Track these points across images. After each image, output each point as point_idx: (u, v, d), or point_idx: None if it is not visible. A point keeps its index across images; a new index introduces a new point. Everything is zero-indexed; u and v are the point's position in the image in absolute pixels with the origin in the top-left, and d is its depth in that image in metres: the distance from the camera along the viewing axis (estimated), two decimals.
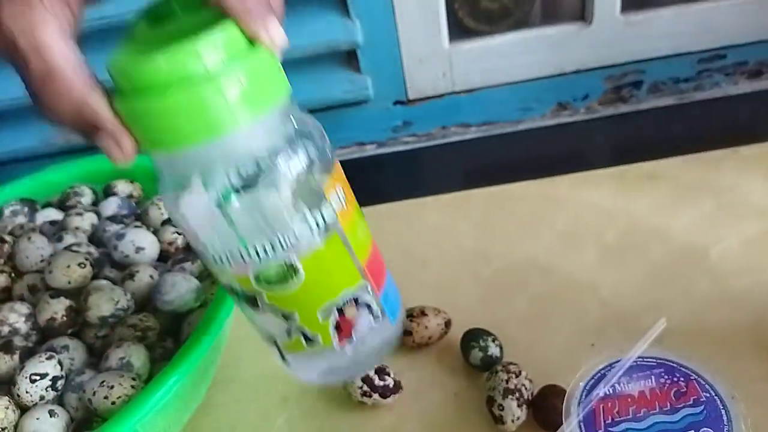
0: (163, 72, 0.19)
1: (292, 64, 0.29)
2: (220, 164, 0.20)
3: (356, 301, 0.24)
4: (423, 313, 0.37)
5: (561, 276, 0.39)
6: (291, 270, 0.22)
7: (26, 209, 0.40)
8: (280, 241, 0.21)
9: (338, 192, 0.23)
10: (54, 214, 0.40)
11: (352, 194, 0.24)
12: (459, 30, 0.58)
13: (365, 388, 0.33)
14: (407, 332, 0.36)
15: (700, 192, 0.44)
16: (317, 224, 0.22)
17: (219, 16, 0.20)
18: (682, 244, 0.40)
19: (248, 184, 0.20)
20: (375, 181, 0.57)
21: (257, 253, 0.21)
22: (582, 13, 0.55)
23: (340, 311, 0.23)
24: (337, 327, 0.24)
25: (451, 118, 0.60)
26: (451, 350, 0.36)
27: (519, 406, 0.31)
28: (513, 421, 0.31)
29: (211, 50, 0.19)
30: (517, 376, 0.32)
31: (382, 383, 0.33)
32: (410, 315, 0.37)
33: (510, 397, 0.31)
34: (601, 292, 0.38)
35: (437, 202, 0.49)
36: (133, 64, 0.19)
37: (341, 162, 0.25)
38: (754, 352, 0.33)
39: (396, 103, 0.58)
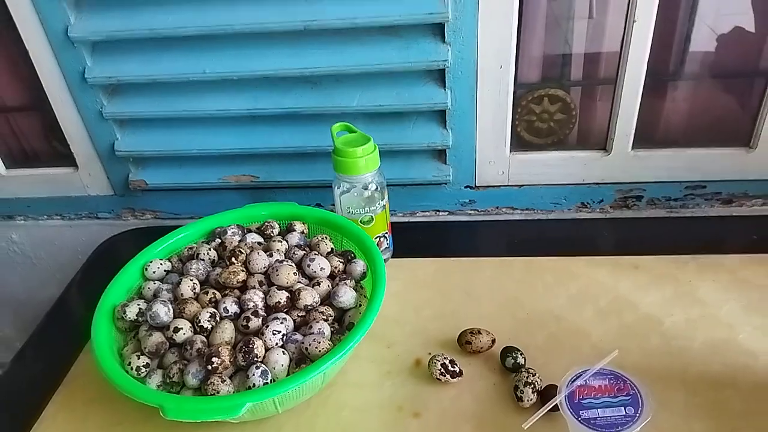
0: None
1: (402, 155, 0.54)
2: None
3: (384, 237, 0.54)
4: (479, 332, 0.60)
5: (567, 323, 0.62)
6: (371, 219, 0.53)
7: (240, 231, 0.65)
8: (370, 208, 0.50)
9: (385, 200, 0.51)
10: (257, 237, 0.64)
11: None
12: (518, 141, 0.82)
13: (442, 370, 0.56)
14: (468, 342, 0.59)
15: (666, 282, 0.66)
16: (381, 205, 0.53)
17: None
18: (646, 313, 0.62)
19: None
20: (445, 239, 0.81)
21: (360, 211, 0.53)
22: (605, 145, 0.79)
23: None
24: None
25: (503, 202, 0.84)
26: (494, 357, 0.59)
27: (533, 392, 0.54)
28: (528, 401, 0.53)
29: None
30: (533, 376, 0.54)
31: (452, 369, 0.56)
32: (471, 332, 0.60)
33: (528, 387, 0.54)
34: (591, 338, 0.60)
35: (490, 262, 0.73)
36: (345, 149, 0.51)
37: (423, 222, 0.54)
38: (678, 384, 0.55)
39: (466, 186, 0.83)
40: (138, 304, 0.56)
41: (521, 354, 0.57)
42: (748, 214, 0.80)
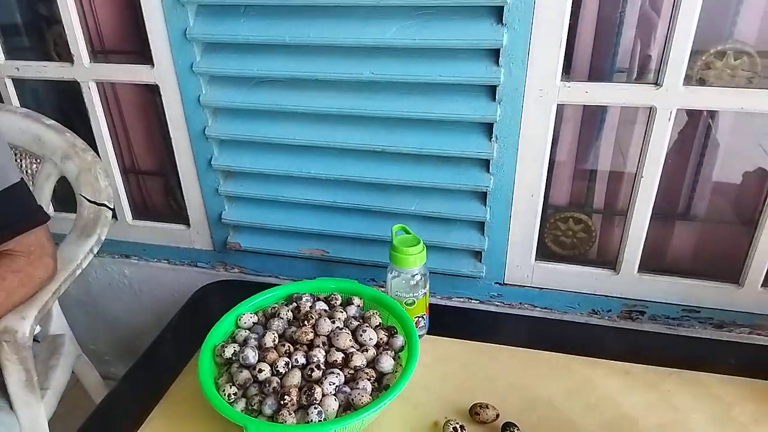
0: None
1: (446, 251, 0.73)
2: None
3: (422, 317, 0.69)
4: (487, 406, 0.75)
5: (559, 411, 0.77)
6: (413, 302, 0.69)
7: (312, 299, 0.84)
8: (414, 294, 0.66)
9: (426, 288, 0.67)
10: (324, 305, 0.83)
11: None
12: (544, 250, 0.99)
13: (456, 427, 0.72)
14: (476, 413, 0.75)
15: (649, 389, 0.80)
16: (423, 292, 0.67)
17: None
18: (625, 413, 0.76)
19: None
20: (473, 324, 0.97)
21: (406, 295, 0.69)
22: (614, 266, 0.94)
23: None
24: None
25: (525, 299, 1.00)
26: (496, 428, 0.74)
27: None
28: None
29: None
30: None
31: (463, 431, 0.72)
32: (480, 405, 0.75)
33: None
34: (575, 425, 0.75)
35: (506, 350, 0.88)
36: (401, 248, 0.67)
37: (457, 307, 0.74)
38: None
39: (496, 282, 1.00)
40: (233, 347, 0.75)
41: (518, 429, 0.72)
42: (736, 340, 0.92)
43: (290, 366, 0.72)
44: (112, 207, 0.89)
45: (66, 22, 0.96)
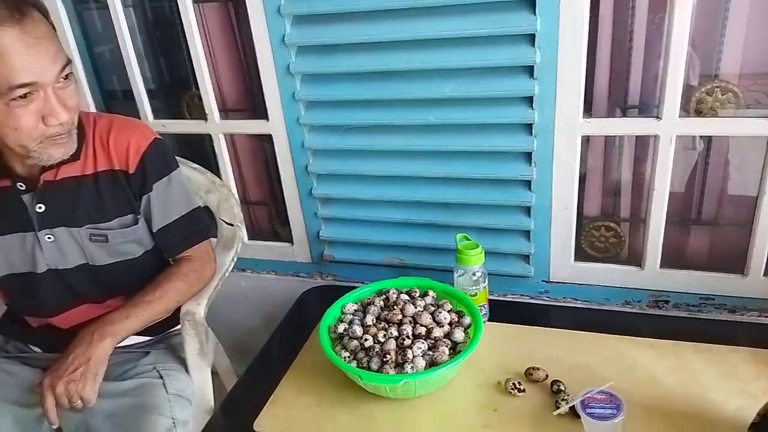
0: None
1: (500, 256, 0.98)
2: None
3: (483, 306, 0.95)
4: (538, 369, 0.97)
5: (595, 373, 0.98)
6: (476, 293, 0.95)
7: (396, 292, 1.09)
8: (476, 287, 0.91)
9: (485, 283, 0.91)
10: (406, 297, 1.08)
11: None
12: (582, 253, 1.21)
13: (512, 386, 0.94)
14: (530, 374, 0.97)
15: (670, 357, 1.00)
16: (483, 286, 0.92)
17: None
18: (651, 374, 0.96)
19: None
20: (526, 314, 1.19)
21: (470, 288, 0.96)
22: (640, 262, 1.16)
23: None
24: None
25: (568, 294, 1.22)
26: (545, 385, 0.96)
27: (564, 404, 0.90)
28: (561, 408, 0.90)
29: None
30: (567, 395, 0.91)
31: (519, 387, 0.94)
32: (533, 368, 0.98)
33: (563, 402, 0.90)
34: (608, 381, 0.96)
35: (553, 331, 1.10)
36: (464, 251, 0.88)
37: (512, 301, 0.98)
38: (653, 409, 0.88)
39: (543, 280, 1.22)
40: (343, 325, 1.01)
41: (563, 384, 0.94)
42: (748, 321, 1.11)
43: (386, 337, 0.98)
44: (243, 227, 1.18)
45: (203, 90, 1.28)
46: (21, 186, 0.94)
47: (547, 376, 0.97)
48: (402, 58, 1.09)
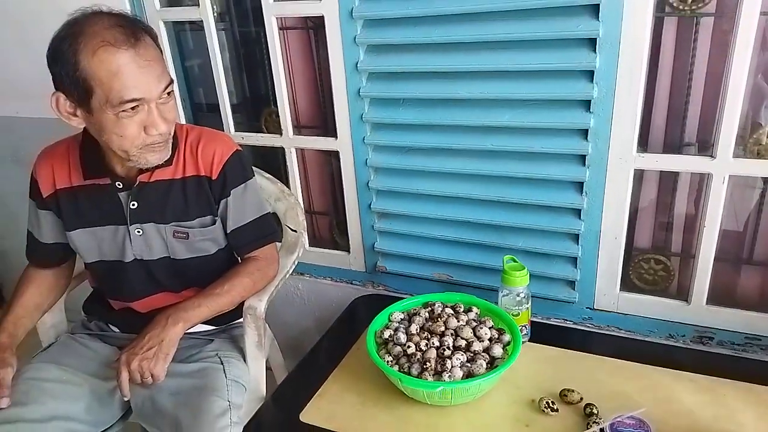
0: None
1: (546, 279, 1.01)
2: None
3: (525, 327, 1.00)
4: (572, 391, 1.01)
5: (631, 400, 1.00)
6: (518, 313, 1.01)
7: (441, 305, 1.15)
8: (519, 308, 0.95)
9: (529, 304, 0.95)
10: (450, 311, 1.14)
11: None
12: (628, 283, 1.24)
13: (546, 405, 0.98)
14: (564, 395, 1.01)
15: (708, 393, 1.01)
16: (526, 307, 0.97)
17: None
18: (687, 407, 0.98)
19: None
20: (567, 338, 1.22)
21: (513, 308, 0.99)
22: (686, 298, 1.17)
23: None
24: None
25: (611, 322, 1.24)
26: (579, 407, 0.99)
27: (596, 426, 0.94)
28: (592, 429, 0.94)
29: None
30: (598, 418, 0.94)
31: (552, 406, 0.98)
32: (568, 390, 1.01)
33: (594, 424, 0.94)
34: (649, 411, 0.98)
35: (592, 357, 1.13)
36: (510, 272, 0.93)
37: (555, 325, 1.02)
38: None
39: (587, 307, 1.25)
40: (389, 332, 1.09)
41: (596, 408, 0.97)
42: None
43: (428, 346, 1.04)
44: (305, 234, 1.28)
45: (280, 107, 1.41)
46: (119, 185, 1.07)
47: (581, 399, 1.01)
48: (464, 87, 1.17)
